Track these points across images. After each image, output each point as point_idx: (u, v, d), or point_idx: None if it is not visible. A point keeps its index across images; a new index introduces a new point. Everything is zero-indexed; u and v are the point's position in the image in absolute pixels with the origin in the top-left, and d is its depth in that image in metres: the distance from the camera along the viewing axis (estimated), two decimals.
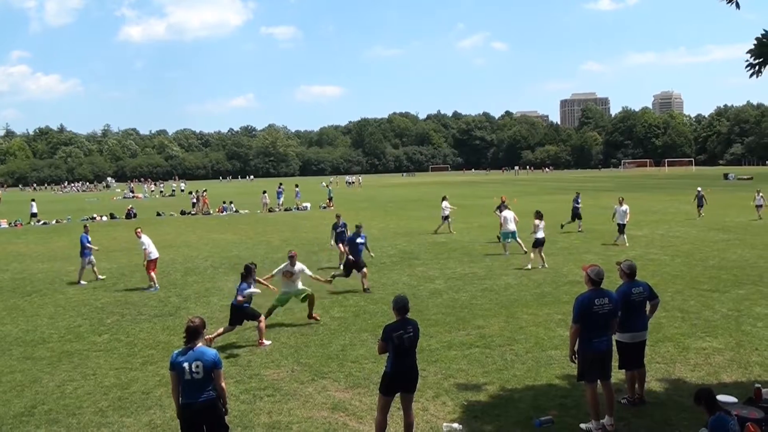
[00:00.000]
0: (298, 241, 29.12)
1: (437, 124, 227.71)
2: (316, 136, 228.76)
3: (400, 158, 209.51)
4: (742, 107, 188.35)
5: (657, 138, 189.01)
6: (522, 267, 20.42)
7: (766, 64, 8.36)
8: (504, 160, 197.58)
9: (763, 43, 8.26)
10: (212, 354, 7.06)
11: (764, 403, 8.50)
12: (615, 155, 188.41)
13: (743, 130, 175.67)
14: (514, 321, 13.97)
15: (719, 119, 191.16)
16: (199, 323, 7.12)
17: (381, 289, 17.78)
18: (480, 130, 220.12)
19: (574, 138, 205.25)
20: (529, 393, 9.76)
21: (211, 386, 6.98)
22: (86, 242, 21.00)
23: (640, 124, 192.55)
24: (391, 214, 42.68)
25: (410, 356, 7.92)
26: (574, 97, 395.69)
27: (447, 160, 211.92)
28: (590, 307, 8.42)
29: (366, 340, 12.71)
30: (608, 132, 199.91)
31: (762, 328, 13.06)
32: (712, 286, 17.06)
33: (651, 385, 9.86)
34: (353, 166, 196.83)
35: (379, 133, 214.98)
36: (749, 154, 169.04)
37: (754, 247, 23.73)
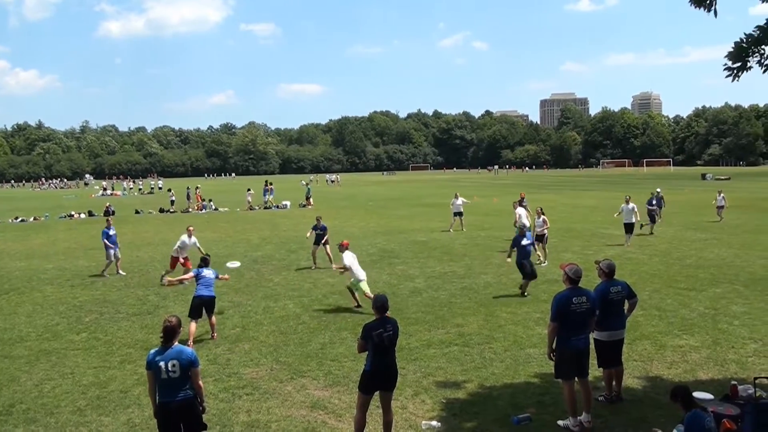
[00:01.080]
0: (278, 239, 29.07)
1: (418, 123, 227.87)
2: (297, 134, 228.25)
3: (381, 157, 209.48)
4: (720, 108, 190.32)
5: (636, 138, 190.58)
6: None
7: (744, 69, 8.43)
8: (484, 159, 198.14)
9: (742, 47, 8.34)
10: (189, 353, 7.06)
11: (740, 399, 8.63)
12: (594, 155, 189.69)
13: (721, 131, 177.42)
14: (493, 319, 14.04)
15: (697, 120, 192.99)
16: (176, 323, 7.11)
17: None
18: (460, 129, 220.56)
19: (554, 138, 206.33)
20: (507, 391, 9.82)
21: (188, 385, 6.96)
22: (105, 238, 21.25)
23: (619, 125, 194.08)
24: (371, 213, 42.68)
25: (389, 355, 7.94)
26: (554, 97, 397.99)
27: (427, 159, 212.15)
28: (568, 306, 8.49)
29: (345, 339, 12.72)
30: (587, 132, 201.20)
31: (738, 326, 13.23)
32: (690, 285, 17.25)
33: (628, 383, 9.96)
34: (333, 164, 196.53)
35: (360, 131, 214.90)
36: (727, 155, 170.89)
37: (731, 246, 24.01)
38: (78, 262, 23.72)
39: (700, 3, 7.86)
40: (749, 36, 8.37)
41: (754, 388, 8.70)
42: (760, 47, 8.37)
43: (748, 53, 8.41)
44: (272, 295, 17.23)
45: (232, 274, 16.36)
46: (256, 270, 20.88)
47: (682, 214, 36.08)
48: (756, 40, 8.33)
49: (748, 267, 19.73)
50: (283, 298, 16.72)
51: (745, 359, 11.18)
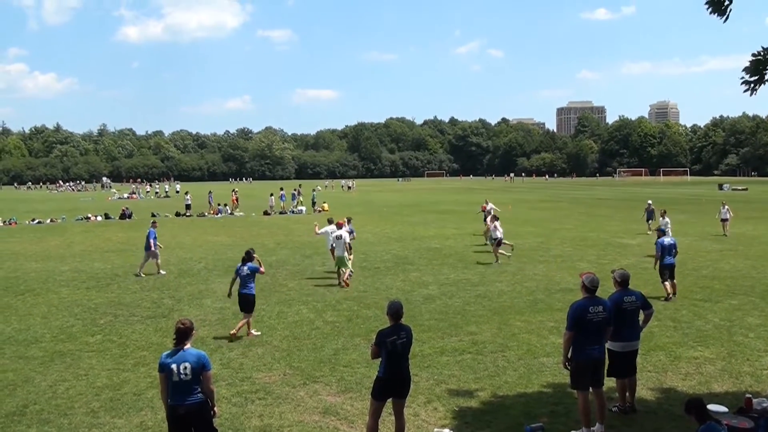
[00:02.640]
0: (293, 244, 29.14)
1: (433, 130, 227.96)
2: (313, 139, 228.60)
3: (396, 163, 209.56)
4: (737, 118, 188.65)
5: (653, 147, 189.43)
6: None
7: (761, 82, 8.38)
8: (500, 166, 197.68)
9: (759, 60, 8.29)
10: (201, 356, 7.07)
11: (754, 413, 8.57)
12: (610, 164, 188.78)
13: (738, 140, 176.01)
14: (507, 328, 14.01)
15: (715, 130, 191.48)
16: (189, 325, 7.16)
17: (374, 293, 17.80)
18: (476, 136, 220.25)
19: (570, 146, 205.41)
20: (520, 400, 9.79)
21: (200, 388, 6.98)
22: (152, 238, 22.09)
23: (636, 134, 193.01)
24: (386, 220, 42.68)
25: (403, 361, 7.94)
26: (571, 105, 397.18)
27: (443, 166, 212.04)
28: (585, 315, 8.48)
29: (359, 345, 12.72)
30: (604, 140, 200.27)
31: (754, 338, 13.13)
32: (705, 296, 17.13)
33: (642, 394, 9.91)
34: (349, 170, 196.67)
35: (376, 137, 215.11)
36: (744, 165, 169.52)
37: (747, 258, 23.81)
38: (94, 264, 23.87)
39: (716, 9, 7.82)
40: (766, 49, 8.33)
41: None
42: None
43: (766, 66, 8.37)
44: (286, 300, 17.27)
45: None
46: (271, 275, 20.92)
47: (699, 224, 35.82)
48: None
49: (764, 279, 19.57)
50: (297, 303, 16.75)
51: (760, 372, 11.09)
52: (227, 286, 14.58)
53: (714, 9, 7.83)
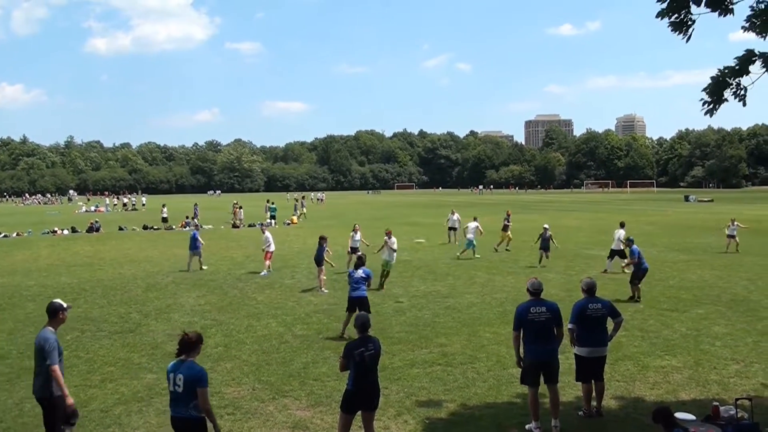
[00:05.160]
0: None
1: (403, 143, 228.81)
2: (282, 151, 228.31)
3: (366, 176, 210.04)
4: (702, 131, 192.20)
5: (619, 160, 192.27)
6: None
7: (720, 102, 8.58)
8: (468, 179, 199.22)
9: (718, 81, 8.48)
10: (197, 371, 6.91)
11: (722, 420, 8.69)
12: (578, 176, 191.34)
13: (704, 153, 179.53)
14: (476, 339, 14.04)
15: (680, 142, 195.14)
16: (192, 338, 7.11)
17: (345, 306, 17.67)
18: (445, 149, 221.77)
19: (538, 158, 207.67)
20: (489, 411, 9.81)
21: (193, 404, 6.84)
22: (197, 237, 25.38)
23: (603, 146, 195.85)
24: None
25: (371, 374, 7.92)
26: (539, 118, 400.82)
27: (413, 178, 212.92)
28: (526, 316, 9.00)
29: (328, 358, 12.65)
30: (571, 153, 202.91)
31: (720, 347, 13.32)
32: (672, 306, 17.35)
33: (610, 403, 10.00)
34: (319, 182, 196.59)
35: (345, 150, 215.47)
36: (709, 177, 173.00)
37: (713, 268, 24.17)
38: (60, 278, 23.49)
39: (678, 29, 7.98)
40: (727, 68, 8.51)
41: (736, 409, 8.77)
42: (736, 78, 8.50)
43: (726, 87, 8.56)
44: (255, 313, 17.14)
45: (215, 293, 16.34)
46: (240, 288, 20.76)
47: (666, 235, 36.27)
48: (734, 71, 8.47)
49: (730, 288, 19.87)
50: (266, 317, 16.64)
51: (727, 380, 11.24)
52: (195, 300, 14.45)
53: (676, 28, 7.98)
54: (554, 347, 9.14)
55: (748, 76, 8.52)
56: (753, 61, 8.40)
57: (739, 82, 8.54)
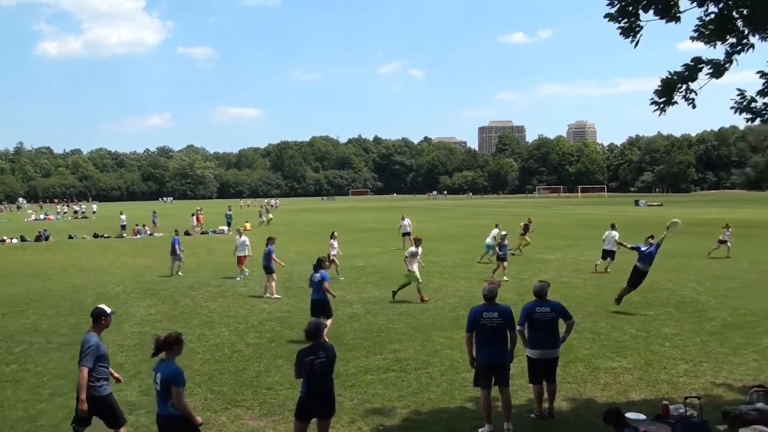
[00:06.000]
0: (214, 265, 28.62)
1: (358, 149, 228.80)
2: (235, 158, 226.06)
3: (321, 182, 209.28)
4: (652, 137, 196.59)
5: (571, 165, 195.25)
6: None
7: (669, 104, 8.79)
8: (423, 184, 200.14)
9: (668, 84, 8.69)
10: (171, 370, 7.15)
11: (671, 419, 8.85)
12: (530, 181, 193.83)
13: (654, 159, 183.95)
14: (430, 344, 14.08)
15: (631, 148, 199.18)
16: (167, 338, 7.34)
17: (298, 314, 17.59)
18: (400, 154, 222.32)
19: (491, 164, 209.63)
20: (443, 416, 9.83)
21: (170, 402, 7.07)
22: (176, 244, 25.69)
23: (555, 152, 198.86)
24: (310, 238, 42.45)
25: (324, 381, 7.85)
26: (492, 124, 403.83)
27: (367, 184, 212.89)
28: (478, 319, 9.10)
29: (281, 366, 12.53)
30: (524, 159, 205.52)
31: (670, 347, 13.61)
32: (622, 308, 17.62)
33: (562, 405, 10.10)
34: (272, 189, 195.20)
35: (300, 156, 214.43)
36: (659, 182, 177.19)
37: (663, 271, 24.58)
38: (9, 289, 22.88)
39: (627, 34, 8.13)
40: (676, 73, 8.70)
41: (685, 407, 8.93)
42: (686, 83, 8.71)
43: (675, 89, 8.76)
44: (207, 322, 16.92)
45: (166, 302, 16.10)
46: (192, 297, 20.49)
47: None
48: (683, 77, 8.66)
49: (679, 290, 20.29)
50: (219, 326, 16.43)
51: (676, 379, 11.48)
52: (146, 309, 14.22)
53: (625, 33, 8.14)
54: (506, 350, 9.23)
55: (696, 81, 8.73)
56: (701, 68, 8.60)
57: (688, 86, 8.74)
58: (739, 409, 9.47)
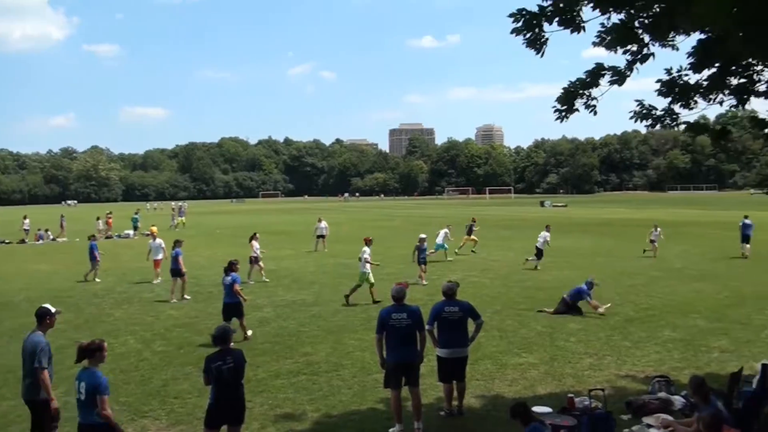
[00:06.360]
0: (119, 270, 27.78)
1: (268, 150, 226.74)
2: (141, 159, 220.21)
3: (230, 184, 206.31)
4: (557, 140, 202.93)
5: (479, 167, 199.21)
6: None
7: (571, 111, 9.10)
8: (334, 186, 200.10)
9: (569, 93, 8.98)
10: (96, 378, 7.01)
11: (577, 411, 9.18)
12: (440, 183, 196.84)
13: (558, 161, 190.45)
14: (341, 347, 14.10)
15: (537, 151, 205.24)
16: (90, 345, 7.28)
17: (207, 319, 17.27)
18: (311, 156, 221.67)
19: (402, 166, 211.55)
20: (354, 418, 9.87)
21: (96, 411, 6.91)
22: (95, 249, 25.31)
23: (464, 154, 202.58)
24: (219, 242, 41.82)
25: (233, 388, 7.76)
26: (402, 126, 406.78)
27: (278, 186, 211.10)
28: (387, 321, 9.19)
29: (190, 374, 12.24)
30: (433, 161, 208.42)
31: (574, 342, 14.10)
32: (529, 306, 18.11)
33: (471, 402, 10.30)
34: (180, 191, 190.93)
35: (208, 157, 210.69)
36: (564, 183, 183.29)
37: (568, 269, 25.40)
38: None
39: (532, 45, 8.32)
40: (578, 80, 8.99)
41: (590, 400, 9.30)
42: (587, 90, 9.01)
43: (576, 98, 9.05)
44: (112, 330, 16.41)
45: (71, 310, 15.56)
46: (96, 304, 19.86)
47: (521, 239, 37.70)
48: (584, 84, 8.96)
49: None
50: (124, 334, 15.96)
51: (581, 373, 11.89)
52: None
53: (530, 45, 8.32)
54: (416, 350, 9.33)
55: (598, 88, 9.04)
56: (603, 75, 8.90)
57: (590, 93, 9.04)
58: (642, 398, 9.92)
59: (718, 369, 11.96)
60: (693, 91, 9.05)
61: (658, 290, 20.57)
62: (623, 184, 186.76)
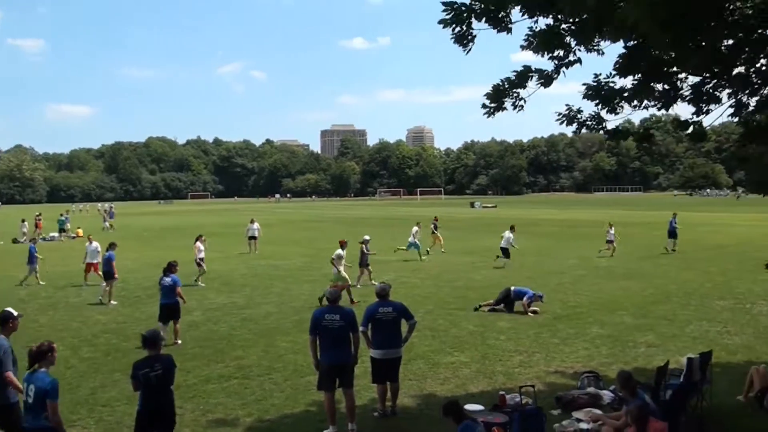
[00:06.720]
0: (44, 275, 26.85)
1: (197, 150, 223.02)
2: (66, 159, 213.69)
3: (158, 185, 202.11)
4: (486, 143, 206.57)
5: (410, 169, 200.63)
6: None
7: (499, 108, 9.29)
8: (265, 187, 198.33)
9: (499, 90, 9.15)
10: (46, 383, 6.83)
11: (508, 408, 9.41)
12: (372, 184, 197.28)
13: (488, 163, 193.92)
14: (273, 350, 14.00)
15: (466, 153, 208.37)
16: (41, 348, 7.14)
17: (134, 324, 16.90)
18: (241, 157, 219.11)
19: (334, 167, 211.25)
20: (287, 421, 9.83)
21: (44, 415, 6.74)
22: (34, 252, 24.62)
23: (395, 156, 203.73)
24: (146, 244, 40.97)
25: (162, 394, 7.62)
26: (334, 128, 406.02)
27: (207, 187, 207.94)
28: (320, 322, 9.23)
29: (118, 381, 11.91)
30: (365, 162, 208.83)
31: (505, 340, 14.37)
32: (460, 305, 18.33)
33: (404, 401, 10.38)
34: (106, 192, 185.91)
35: (135, 157, 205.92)
36: (493, 185, 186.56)
37: (497, 268, 25.79)
38: None
39: (460, 41, 8.42)
40: (507, 79, 9.15)
41: (520, 396, 9.49)
42: (515, 90, 9.18)
43: (505, 95, 9.22)
44: (38, 337, 15.70)
45: None
46: (21, 310, 19.05)
47: (452, 239, 38.09)
48: (513, 83, 9.13)
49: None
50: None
51: (512, 370, 12.13)
52: None
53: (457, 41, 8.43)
54: (349, 351, 9.34)
55: (526, 89, 9.22)
56: (530, 77, 9.08)
57: (518, 93, 9.21)
58: (571, 393, 10.18)
59: (645, 363, 12.38)
60: (618, 96, 9.30)
61: (586, 288, 21.10)
62: (550, 185, 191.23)
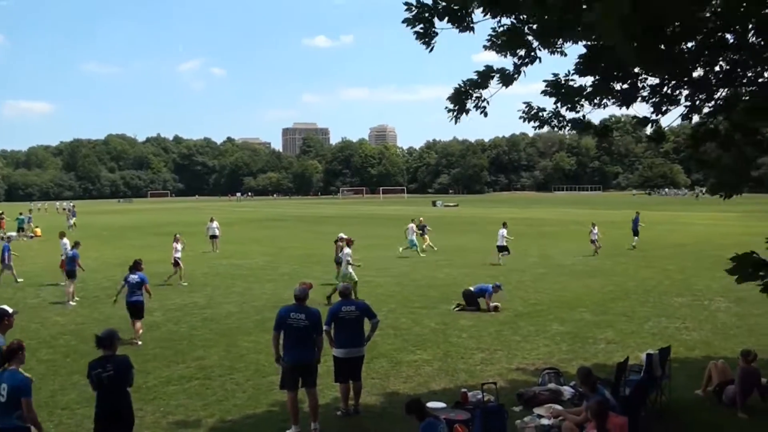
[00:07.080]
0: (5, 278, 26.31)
1: (157, 148, 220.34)
2: (24, 156, 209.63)
3: (117, 183, 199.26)
4: (448, 142, 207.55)
5: (373, 167, 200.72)
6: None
7: (462, 111, 9.25)
8: (226, 186, 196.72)
9: (461, 92, 9.14)
10: (19, 380, 6.77)
11: (470, 405, 9.48)
12: (334, 183, 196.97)
13: (450, 162, 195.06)
14: (235, 349, 13.89)
15: (429, 152, 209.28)
16: (12, 346, 7.12)
17: (94, 325, 16.52)
18: (202, 155, 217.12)
19: (296, 166, 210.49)
20: (249, 421, 9.77)
21: (18, 414, 6.66)
22: (7, 251, 24.25)
23: (358, 155, 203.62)
24: (105, 243, 40.37)
25: (116, 396, 7.46)
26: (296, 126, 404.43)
27: (167, 185, 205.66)
28: (285, 320, 9.20)
29: (77, 383, 11.64)
30: (328, 161, 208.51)
31: (466, 338, 14.46)
32: (422, 304, 18.41)
33: (367, 400, 10.39)
34: (65, 190, 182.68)
35: (94, 155, 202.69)
36: (455, 184, 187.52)
37: (459, 266, 25.97)
38: None
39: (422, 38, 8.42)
40: (469, 80, 9.18)
41: (482, 393, 9.54)
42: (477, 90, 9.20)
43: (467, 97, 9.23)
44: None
45: None
46: None
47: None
48: (475, 84, 9.15)
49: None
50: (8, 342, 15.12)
51: (474, 368, 12.21)
52: None
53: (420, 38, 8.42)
54: (313, 351, 9.31)
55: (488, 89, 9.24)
56: (492, 77, 9.10)
57: (480, 94, 9.23)
58: (532, 390, 10.29)
59: (605, 359, 12.56)
60: (578, 94, 9.38)
61: (546, 286, 21.33)
62: (511, 184, 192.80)
